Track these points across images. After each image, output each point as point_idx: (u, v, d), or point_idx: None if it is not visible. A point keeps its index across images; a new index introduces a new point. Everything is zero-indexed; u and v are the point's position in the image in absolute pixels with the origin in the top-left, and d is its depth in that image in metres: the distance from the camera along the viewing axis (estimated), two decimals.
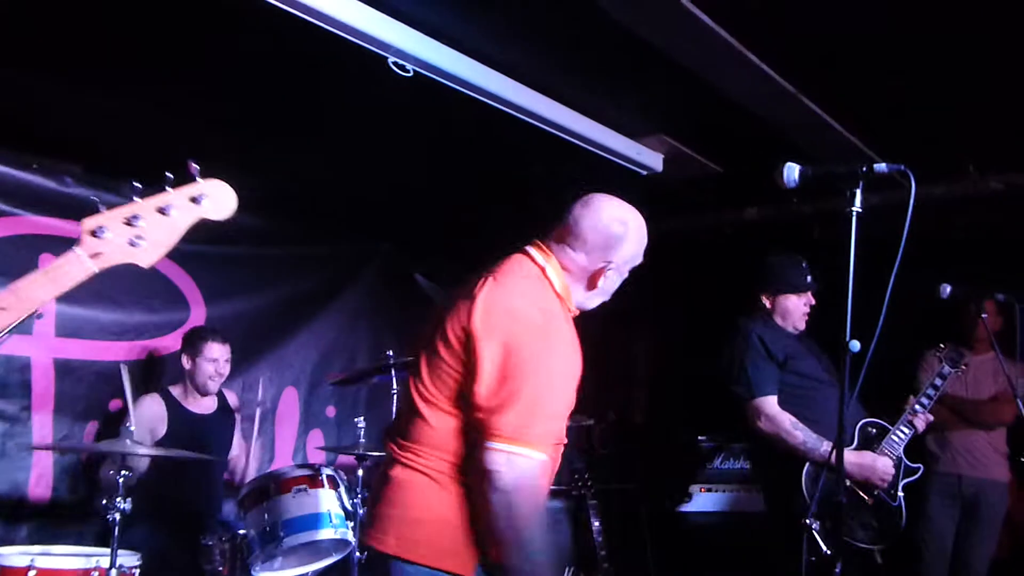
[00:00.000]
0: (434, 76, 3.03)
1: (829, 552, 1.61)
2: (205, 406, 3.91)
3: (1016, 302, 3.45)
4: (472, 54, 3.11)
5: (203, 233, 4.28)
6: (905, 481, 3.29)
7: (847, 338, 1.58)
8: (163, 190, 1.39)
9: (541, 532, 1.71)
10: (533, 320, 1.80)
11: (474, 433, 1.74)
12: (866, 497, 3.11)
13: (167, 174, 1.39)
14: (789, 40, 3.01)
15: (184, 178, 1.40)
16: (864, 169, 1.63)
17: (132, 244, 1.37)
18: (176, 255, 4.20)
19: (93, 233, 1.34)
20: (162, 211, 1.39)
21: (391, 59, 2.85)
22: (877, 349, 2.87)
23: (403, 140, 3.90)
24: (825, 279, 3.27)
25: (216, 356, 3.83)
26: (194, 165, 1.40)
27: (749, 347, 3.25)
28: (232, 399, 4.11)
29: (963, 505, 4.19)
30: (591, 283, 1.98)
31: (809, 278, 3.37)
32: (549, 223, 2.08)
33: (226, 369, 3.89)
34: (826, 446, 2.99)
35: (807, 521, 1.70)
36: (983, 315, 3.73)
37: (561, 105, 3.49)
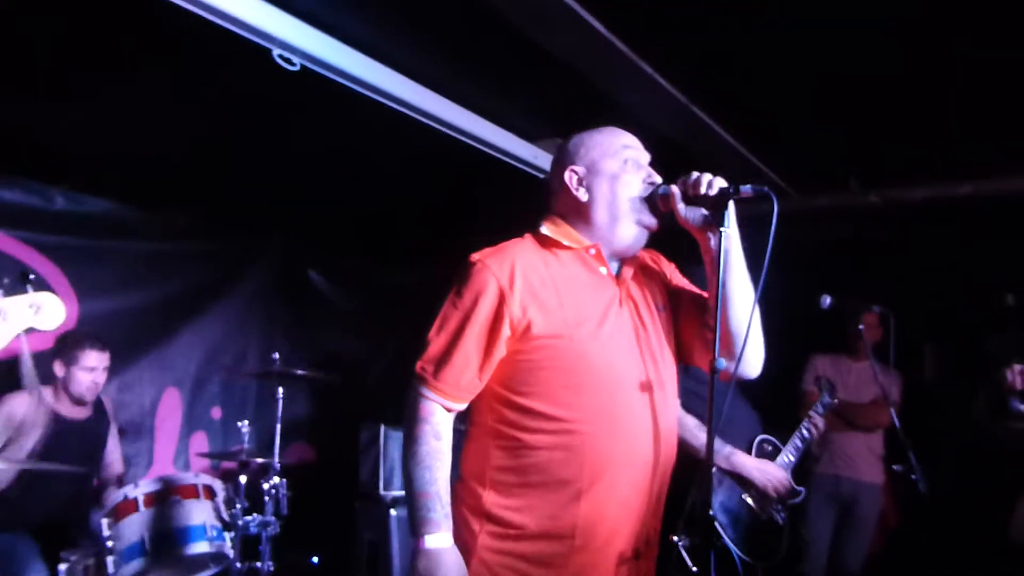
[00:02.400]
0: (323, 71, 2.92)
1: (696, 570, 1.59)
2: (79, 411, 3.67)
3: (890, 313, 3.59)
4: (364, 49, 3.01)
5: (75, 224, 4.11)
6: (790, 502, 3.36)
7: (715, 356, 1.57)
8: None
9: (415, 468, 1.67)
10: (460, 272, 1.76)
11: None
12: (756, 508, 3.14)
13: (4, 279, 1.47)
14: (681, 52, 3.03)
15: (21, 286, 1.50)
16: (732, 190, 1.63)
17: None
18: (44, 247, 4.03)
19: None
20: (2, 316, 1.46)
21: (276, 52, 2.72)
22: (767, 356, 2.96)
23: (293, 135, 3.76)
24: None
25: (94, 365, 3.59)
26: (31, 276, 1.52)
27: None
28: (107, 402, 3.88)
29: (840, 505, 4.36)
30: (584, 207, 1.80)
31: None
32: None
33: (103, 378, 3.65)
34: (728, 449, 2.98)
35: (675, 538, 1.68)
36: (861, 325, 3.87)
37: (456, 105, 3.42)
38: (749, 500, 2.99)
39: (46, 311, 1.53)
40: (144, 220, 4.48)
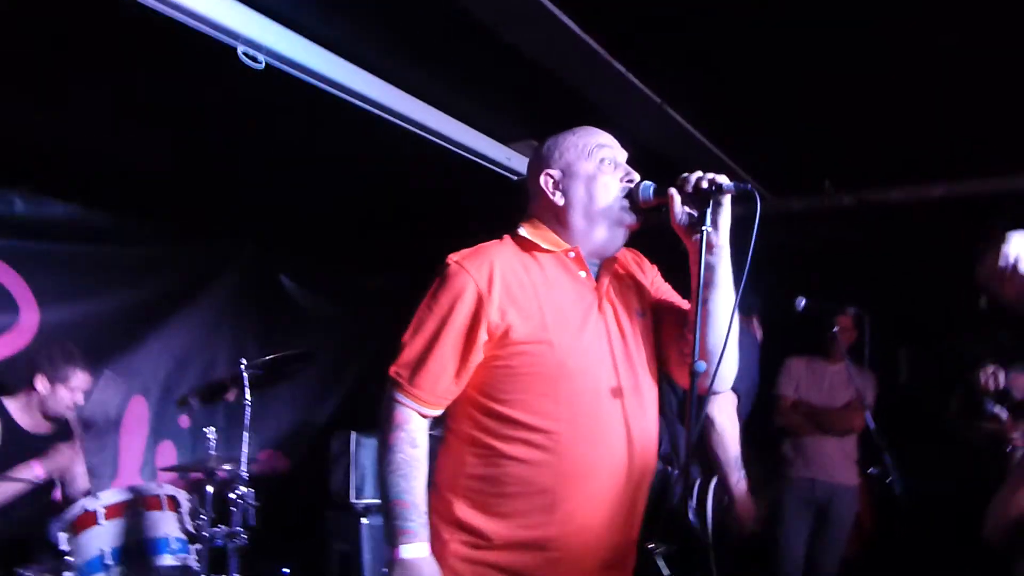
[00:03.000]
0: (291, 70, 2.85)
1: None
2: (42, 425, 3.53)
3: (866, 315, 3.59)
4: (333, 49, 2.95)
5: (36, 229, 4.00)
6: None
7: (694, 360, 1.53)
8: None
9: (390, 476, 1.61)
10: (436, 273, 1.71)
11: None
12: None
13: None
14: (656, 53, 3.01)
15: None
16: (712, 188, 1.59)
17: None
18: (5, 253, 3.91)
19: None
20: None
21: (241, 49, 2.65)
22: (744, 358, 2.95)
23: (263, 138, 3.69)
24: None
25: (79, 386, 3.51)
26: None
27: None
28: (72, 419, 3.76)
29: (816, 509, 4.35)
30: (561, 211, 1.75)
31: None
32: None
33: (82, 399, 3.57)
34: (740, 474, 2.92)
35: (651, 546, 1.63)
36: (836, 328, 3.87)
37: (427, 106, 3.37)
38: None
39: None
40: (109, 224, 4.36)
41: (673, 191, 1.68)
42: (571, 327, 1.66)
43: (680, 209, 1.67)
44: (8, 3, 2.55)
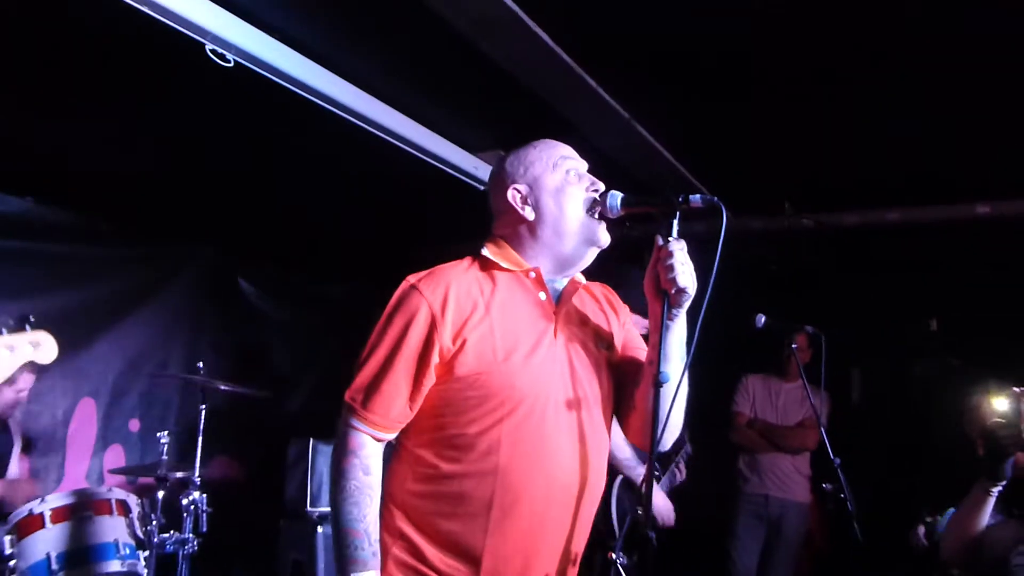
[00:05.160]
0: (258, 69, 2.82)
1: None
2: None
3: (822, 334, 3.64)
4: (303, 51, 2.93)
5: None
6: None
7: (658, 370, 1.54)
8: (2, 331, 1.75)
9: (343, 503, 1.59)
10: (394, 295, 1.70)
11: None
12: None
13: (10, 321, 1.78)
14: (626, 68, 3.04)
15: (22, 325, 1.80)
16: (680, 200, 1.61)
17: None
18: None
19: None
20: (8, 348, 1.74)
21: (209, 46, 2.61)
22: (700, 373, 2.98)
23: (226, 138, 3.64)
24: None
25: (25, 387, 3.50)
26: (31, 317, 1.81)
27: None
28: (12, 420, 3.66)
29: (768, 524, 4.40)
30: (532, 225, 1.75)
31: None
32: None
33: (25, 398, 3.51)
34: (641, 469, 2.98)
35: (614, 556, 1.64)
36: (793, 345, 3.93)
37: (396, 112, 3.36)
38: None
39: (44, 347, 1.80)
40: (63, 222, 4.26)
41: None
42: (522, 349, 1.66)
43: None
44: None
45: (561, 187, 1.75)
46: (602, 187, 1.77)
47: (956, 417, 3.06)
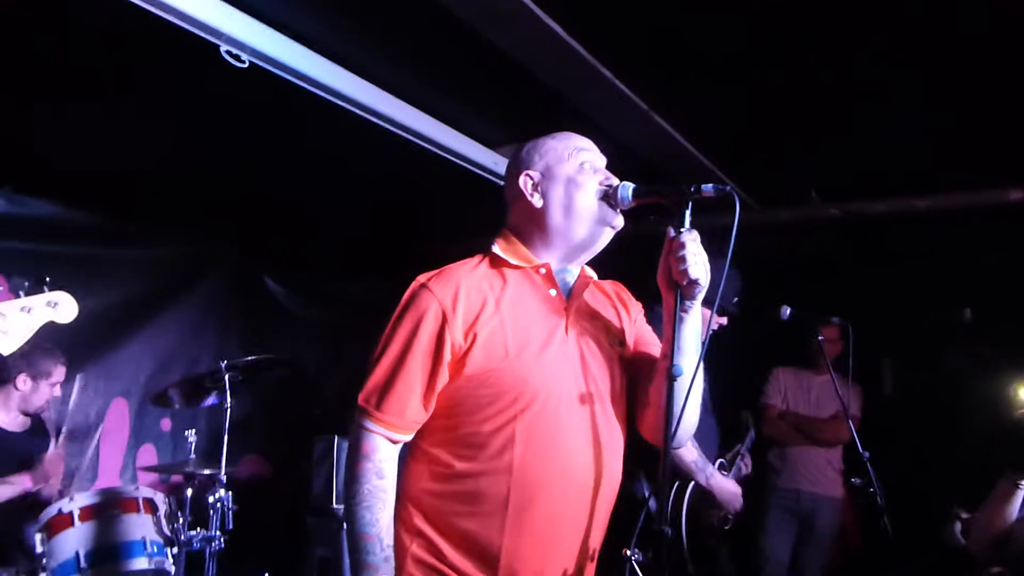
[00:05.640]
0: (274, 70, 2.83)
1: None
2: (18, 422, 3.53)
3: (849, 325, 3.57)
4: (318, 50, 2.93)
5: (17, 228, 3.95)
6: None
7: (672, 363, 1.51)
8: (20, 294, 1.75)
9: (356, 508, 1.59)
10: (405, 295, 1.70)
11: None
12: (715, 526, 3.11)
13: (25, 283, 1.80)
14: (643, 58, 3.01)
15: (39, 286, 1.78)
16: (692, 189, 1.57)
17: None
18: None
19: None
20: (25, 310, 1.72)
21: (223, 48, 2.63)
22: (726, 366, 2.95)
23: (249, 139, 3.67)
24: None
25: (58, 379, 3.56)
26: (47, 278, 1.81)
27: None
28: (47, 415, 3.73)
29: (800, 519, 4.34)
30: (539, 213, 1.73)
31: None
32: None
33: (59, 392, 3.62)
34: (711, 469, 2.97)
35: (628, 552, 1.61)
36: (820, 337, 3.86)
37: (414, 108, 3.35)
38: (712, 518, 3.01)
39: (63, 307, 1.76)
40: (92, 225, 4.34)
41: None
42: (533, 346, 1.64)
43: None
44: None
45: (573, 177, 1.74)
46: (616, 181, 1.75)
47: (988, 407, 2.99)
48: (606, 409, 1.71)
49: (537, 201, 1.74)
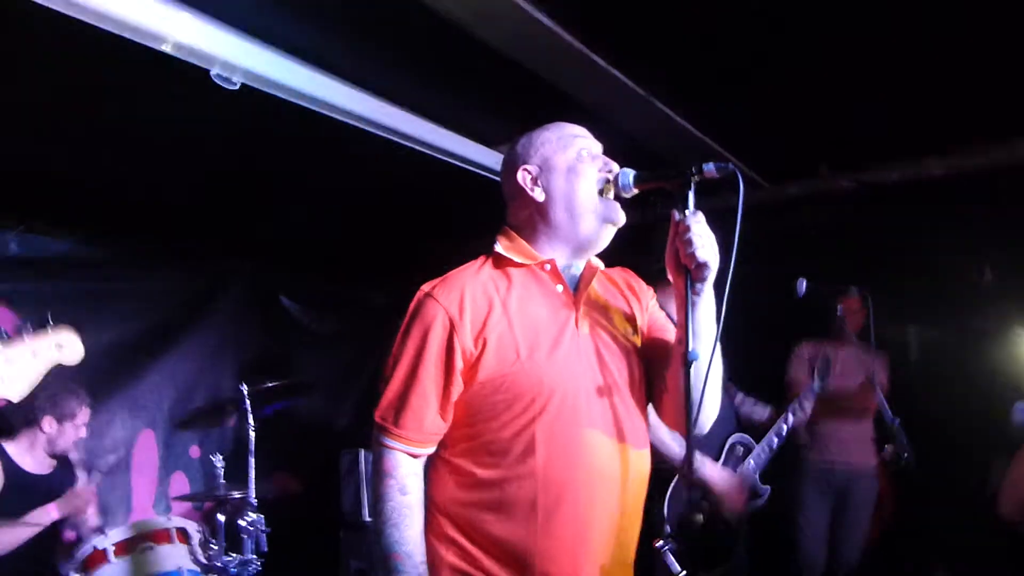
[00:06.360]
0: (265, 88, 2.82)
1: (683, 572, 1.51)
2: (45, 464, 3.53)
3: (869, 295, 3.53)
4: (311, 63, 2.92)
5: (31, 269, 3.97)
6: (754, 504, 3.30)
7: (688, 347, 1.49)
8: (23, 339, 1.70)
9: (383, 527, 1.58)
10: (410, 307, 1.69)
11: None
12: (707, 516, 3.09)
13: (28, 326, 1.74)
14: (637, 46, 2.97)
15: (43, 327, 1.74)
16: (694, 171, 1.55)
17: (5, 381, 1.66)
18: (1, 295, 3.89)
19: None
20: (31, 353, 1.68)
21: (213, 71, 2.62)
22: (746, 347, 2.91)
23: (255, 158, 3.67)
24: None
25: (83, 421, 3.55)
26: (48, 315, 1.76)
27: None
28: (73, 455, 3.75)
29: (836, 492, 4.29)
30: (542, 207, 1.70)
31: None
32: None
33: (85, 433, 3.61)
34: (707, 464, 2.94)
35: (660, 544, 1.59)
36: (839, 308, 3.81)
37: (413, 115, 3.33)
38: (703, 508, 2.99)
39: (68, 348, 1.74)
40: (103, 258, 4.35)
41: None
42: (544, 345, 1.62)
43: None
44: None
45: (573, 166, 1.71)
46: (616, 167, 1.72)
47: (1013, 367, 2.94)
48: (625, 400, 1.68)
49: (539, 195, 1.71)
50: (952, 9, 2.74)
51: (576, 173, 1.70)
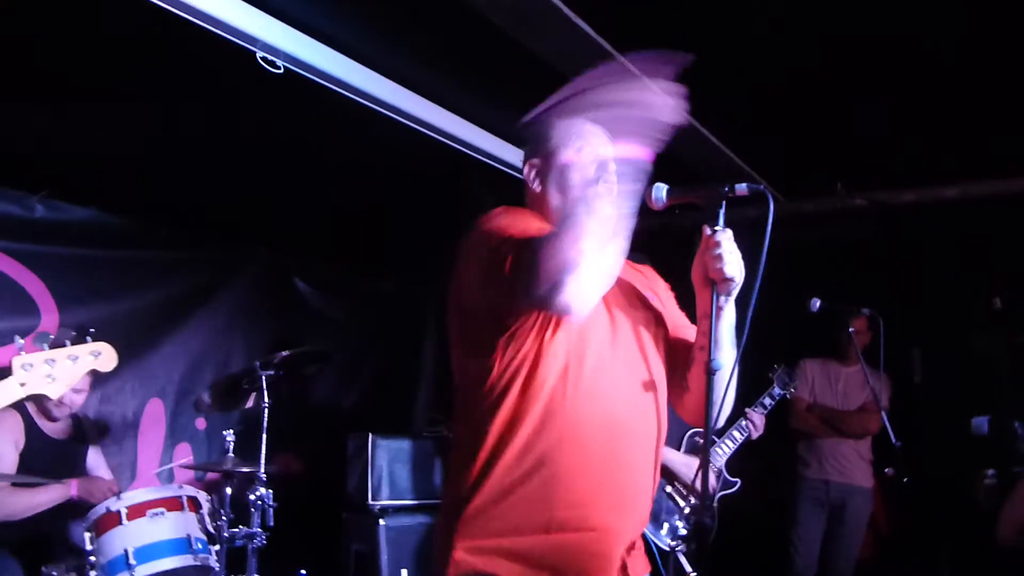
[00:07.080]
0: (308, 74, 2.88)
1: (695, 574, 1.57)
2: (60, 430, 3.62)
3: (880, 316, 3.58)
4: (351, 54, 2.98)
5: (55, 234, 4.03)
6: (721, 493, 3.38)
7: (711, 358, 1.55)
8: (65, 344, 1.92)
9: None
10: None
11: None
12: (682, 502, 3.15)
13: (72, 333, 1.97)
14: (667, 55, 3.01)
15: (83, 337, 1.96)
16: (726, 189, 1.61)
17: (49, 379, 1.86)
18: (24, 256, 3.96)
19: (22, 367, 1.83)
20: (71, 358, 1.89)
21: (260, 54, 2.68)
22: (755, 361, 2.96)
23: (278, 141, 3.72)
24: None
25: (85, 387, 3.59)
26: (91, 329, 1.98)
27: None
28: (84, 419, 3.82)
29: (831, 510, 4.34)
30: (540, 199, 1.75)
31: None
32: None
33: (82, 401, 3.67)
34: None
35: (673, 544, 1.65)
36: (851, 329, 3.86)
37: (442, 108, 3.39)
38: (670, 490, 3.14)
39: (104, 357, 1.98)
40: (125, 228, 4.40)
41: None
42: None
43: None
44: (27, 9, 2.60)
45: (568, 164, 1.74)
46: (613, 180, 1.66)
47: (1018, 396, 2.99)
48: (647, 351, 1.71)
49: (536, 187, 1.78)
50: (974, 48, 2.81)
51: (570, 171, 1.74)
